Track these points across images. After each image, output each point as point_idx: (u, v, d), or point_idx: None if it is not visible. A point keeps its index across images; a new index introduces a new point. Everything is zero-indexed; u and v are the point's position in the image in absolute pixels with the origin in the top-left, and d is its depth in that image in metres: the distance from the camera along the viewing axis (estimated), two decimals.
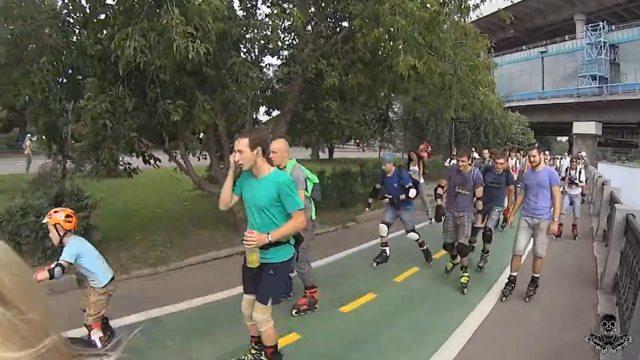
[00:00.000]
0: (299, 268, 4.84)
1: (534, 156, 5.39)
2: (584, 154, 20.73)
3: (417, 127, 24.77)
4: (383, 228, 6.56)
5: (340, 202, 10.95)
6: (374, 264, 6.55)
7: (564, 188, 9.25)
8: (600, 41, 38.95)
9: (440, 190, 6.15)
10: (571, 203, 9.41)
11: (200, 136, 8.10)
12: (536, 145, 5.81)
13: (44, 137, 6.87)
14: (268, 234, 3.04)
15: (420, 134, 24.35)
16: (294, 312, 4.70)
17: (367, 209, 6.85)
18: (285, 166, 4.49)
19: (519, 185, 7.14)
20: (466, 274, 5.73)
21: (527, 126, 29.16)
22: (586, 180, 13.00)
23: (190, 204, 10.66)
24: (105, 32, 5.46)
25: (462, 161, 5.72)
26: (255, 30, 6.68)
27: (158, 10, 4.74)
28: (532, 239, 5.52)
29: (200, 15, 4.69)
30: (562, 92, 42.12)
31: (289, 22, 7.08)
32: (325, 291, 5.48)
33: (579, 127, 40.26)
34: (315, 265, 6.50)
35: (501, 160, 6.74)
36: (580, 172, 9.40)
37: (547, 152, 22.05)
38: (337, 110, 7.59)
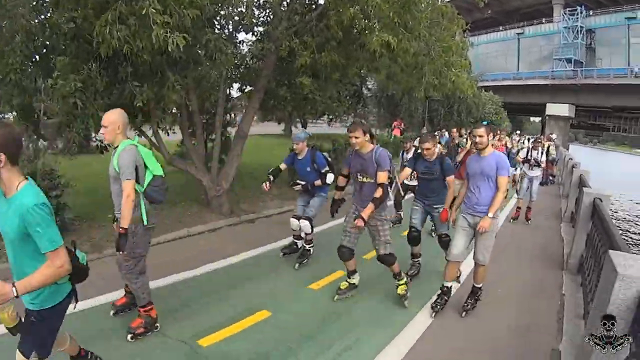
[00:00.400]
0: (131, 282, 3.81)
1: (480, 136, 4.21)
2: (554, 135, 21.24)
3: (390, 105, 25.07)
4: (294, 223, 5.67)
5: None
6: (281, 254, 6.04)
7: (523, 170, 9.24)
8: (577, 25, 39.53)
9: (341, 181, 4.77)
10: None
11: (174, 111, 8.03)
12: (484, 122, 4.40)
13: (20, 119, 6.66)
14: (14, 285, 2.09)
15: (393, 111, 24.66)
16: (129, 338, 3.70)
17: (267, 183, 5.50)
18: (117, 147, 3.57)
19: None
20: (402, 282, 4.64)
21: (501, 106, 29.65)
22: (556, 162, 13.34)
23: None
24: (78, 10, 5.32)
25: (355, 137, 4.11)
26: (230, 7, 6.57)
27: None
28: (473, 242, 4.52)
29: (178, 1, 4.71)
30: (537, 73, 42.81)
31: None
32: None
33: (552, 109, 41.06)
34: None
35: (427, 145, 5.09)
36: (542, 153, 9.01)
37: (518, 132, 22.35)
38: (311, 86, 7.54)
